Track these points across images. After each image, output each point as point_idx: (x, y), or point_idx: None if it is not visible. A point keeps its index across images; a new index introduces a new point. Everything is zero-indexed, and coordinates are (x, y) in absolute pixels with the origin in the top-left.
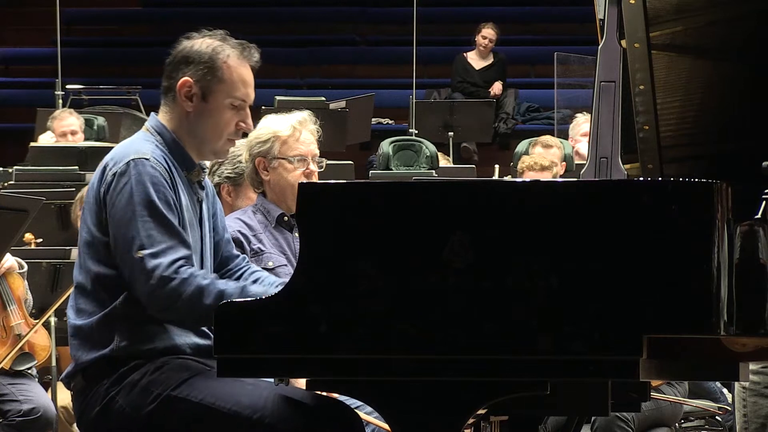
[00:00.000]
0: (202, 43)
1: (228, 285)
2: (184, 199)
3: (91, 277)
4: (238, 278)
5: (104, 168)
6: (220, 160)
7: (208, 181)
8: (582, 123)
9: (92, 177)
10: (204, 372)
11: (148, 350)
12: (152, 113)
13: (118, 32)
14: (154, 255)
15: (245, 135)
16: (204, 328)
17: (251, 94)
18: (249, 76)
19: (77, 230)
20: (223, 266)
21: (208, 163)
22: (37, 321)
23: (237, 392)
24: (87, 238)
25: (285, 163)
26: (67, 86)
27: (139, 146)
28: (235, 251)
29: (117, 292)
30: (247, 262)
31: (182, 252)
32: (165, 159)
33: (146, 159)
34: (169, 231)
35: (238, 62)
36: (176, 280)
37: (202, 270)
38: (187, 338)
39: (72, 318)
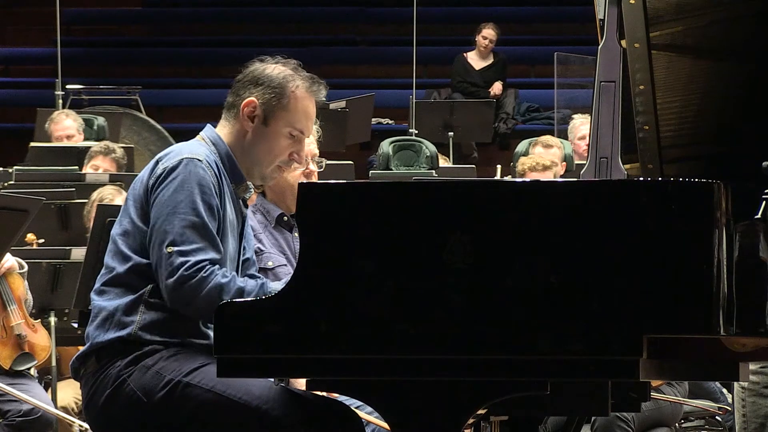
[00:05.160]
0: (274, 68)
1: (248, 283)
2: (229, 208)
3: (123, 262)
4: None
5: (156, 161)
6: None
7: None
8: (578, 126)
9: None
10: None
11: (165, 339)
12: (208, 124)
13: (118, 32)
14: (183, 253)
15: None
16: None
17: (311, 128)
18: (312, 111)
19: (87, 230)
20: None
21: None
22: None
23: (248, 382)
24: (126, 227)
25: None
26: (67, 86)
27: (195, 148)
28: (255, 272)
29: (145, 279)
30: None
31: (211, 254)
32: (217, 165)
33: (199, 160)
34: (203, 233)
35: (305, 95)
36: (197, 278)
37: (223, 269)
38: (206, 327)
39: (96, 299)
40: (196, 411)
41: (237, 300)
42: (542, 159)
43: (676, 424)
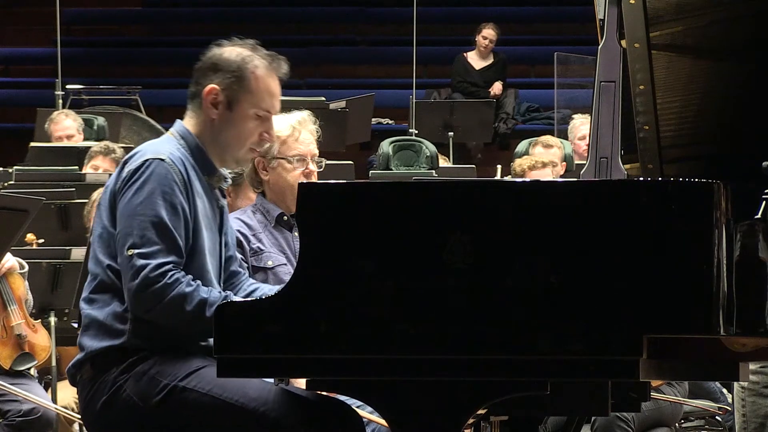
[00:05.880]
0: (231, 51)
1: (211, 293)
2: (201, 202)
3: (104, 269)
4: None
5: (123, 164)
6: None
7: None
8: (579, 126)
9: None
10: (213, 364)
11: (161, 341)
12: (177, 120)
13: (118, 32)
14: (144, 255)
15: None
16: None
17: (277, 105)
18: (276, 88)
19: (87, 230)
20: (226, 282)
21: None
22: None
23: (245, 384)
24: (100, 231)
25: (284, 163)
26: (67, 86)
27: (159, 147)
28: (239, 268)
29: None
30: (247, 277)
31: (171, 257)
32: (183, 162)
33: (161, 159)
34: (164, 234)
35: (266, 73)
36: (160, 284)
37: (188, 276)
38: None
39: (86, 308)
40: (193, 415)
41: (237, 300)
42: (539, 157)
43: (676, 424)
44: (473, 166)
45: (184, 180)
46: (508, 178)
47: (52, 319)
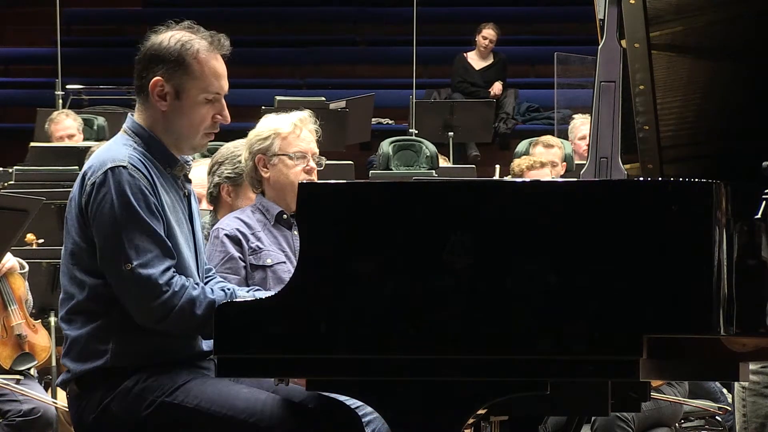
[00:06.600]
0: (170, 38)
1: (216, 294)
2: (168, 198)
3: (80, 287)
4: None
5: (83, 177)
6: (220, 161)
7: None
8: (579, 126)
9: (73, 186)
10: (199, 377)
11: (144, 359)
12: (129, 114)
13: (118, 32)
14: (143, 265)
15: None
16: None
17: (225, 85)
18: (221, 68)
19: None
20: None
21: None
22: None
23: (232, 396)
24: (72, 248)
25: (285, 159)
26: (67, 86)
27: (116, 152)
28: (209, 265)
29: (108, 302)
30: (215, 273)
31: (168, 261)
32: (143, 162)
33: (123, 167)
34: (153, 240)
35: (208, 55)
36: (168, 292)
37: (190, 279)
38: (183, 342)
39: (65, 327)
40: (183, 430)
41: (237, 300)
42: (538, 156)
43: (676, 424)
44: (473, 166)
45: (149, 181)
46: (507, 179)
47: (52, 319)
